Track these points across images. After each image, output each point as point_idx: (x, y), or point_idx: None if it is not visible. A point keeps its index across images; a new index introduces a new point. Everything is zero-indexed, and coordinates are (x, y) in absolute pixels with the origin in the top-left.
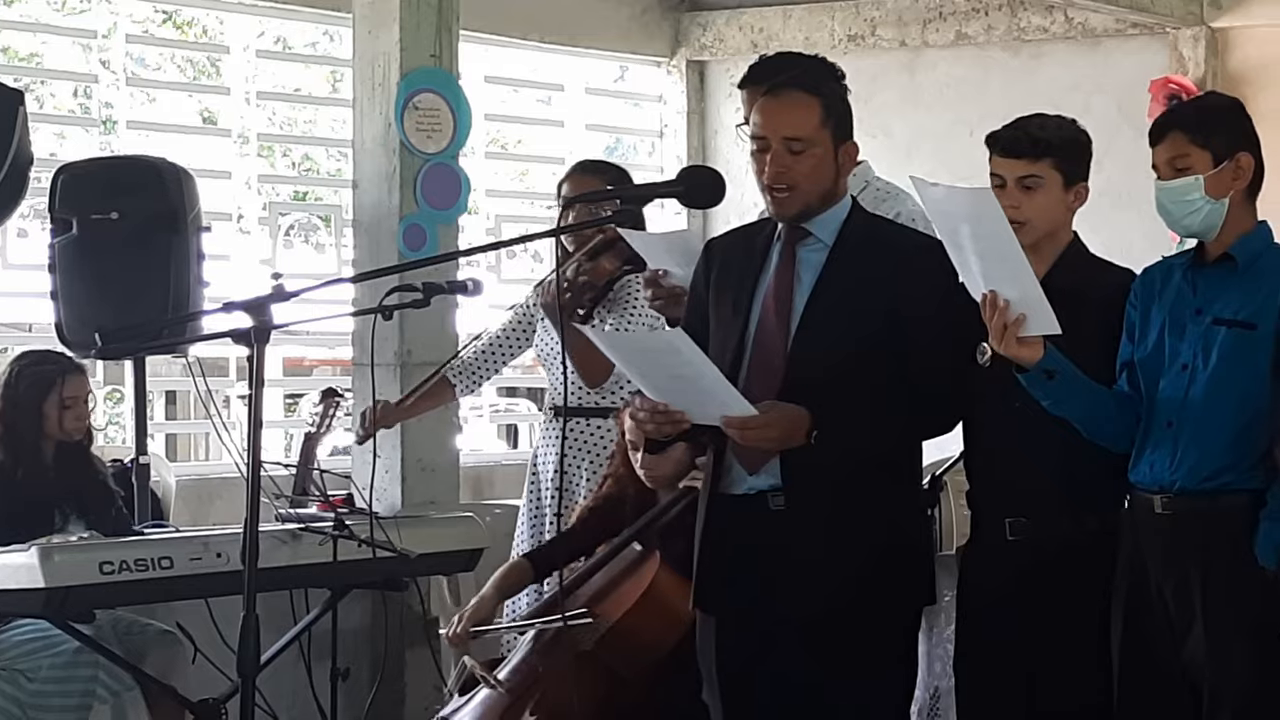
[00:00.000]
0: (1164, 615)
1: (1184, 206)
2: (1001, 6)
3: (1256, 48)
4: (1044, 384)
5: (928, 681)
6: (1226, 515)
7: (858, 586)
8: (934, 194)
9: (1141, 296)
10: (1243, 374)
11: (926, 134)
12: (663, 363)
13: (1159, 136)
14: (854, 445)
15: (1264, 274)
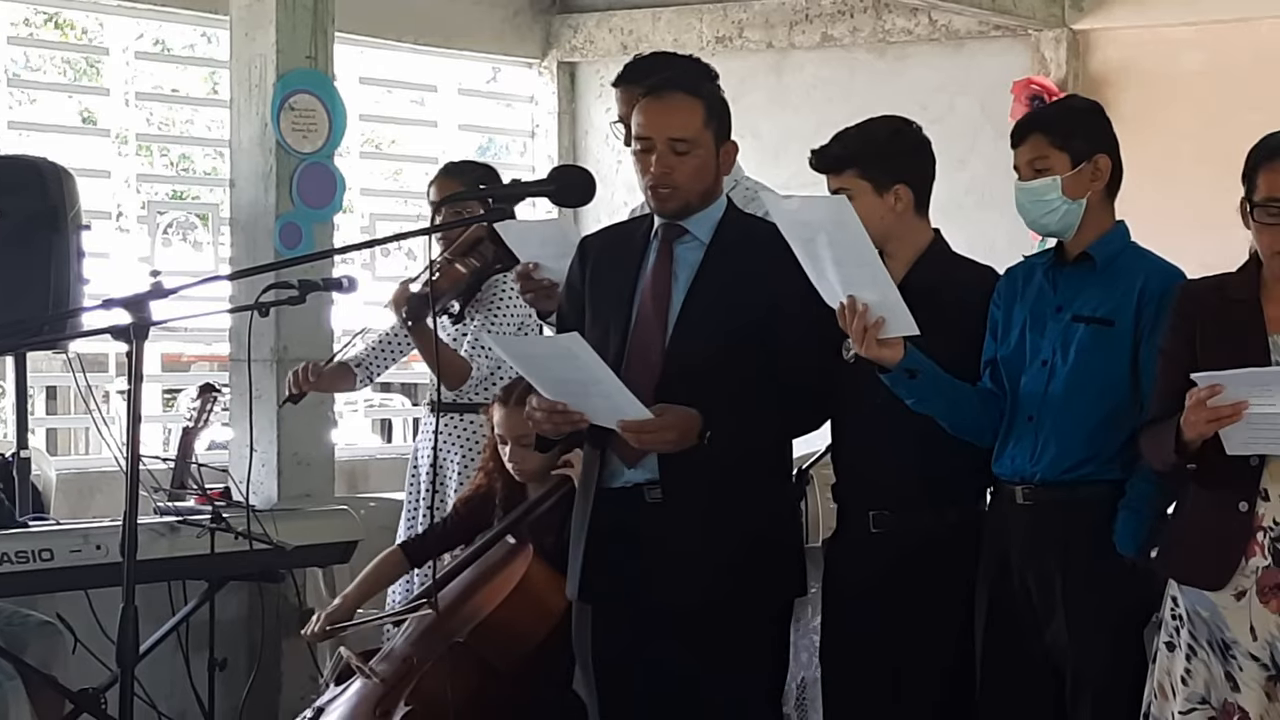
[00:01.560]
0: (1027, 603)
1: (1042, 206)
2: (867, 9)
3: (1117, 49)
4: (906, 383)
5: (794, 672)
6: (1086, 505)
7: (731, 578)
8: (788, 205)
9: (1005, 295)
10: (1101, 369)
11: (794, 134)
12: (559, 366)
13: (1020, 138)
14: (729, 440)
15: (1122, 272)
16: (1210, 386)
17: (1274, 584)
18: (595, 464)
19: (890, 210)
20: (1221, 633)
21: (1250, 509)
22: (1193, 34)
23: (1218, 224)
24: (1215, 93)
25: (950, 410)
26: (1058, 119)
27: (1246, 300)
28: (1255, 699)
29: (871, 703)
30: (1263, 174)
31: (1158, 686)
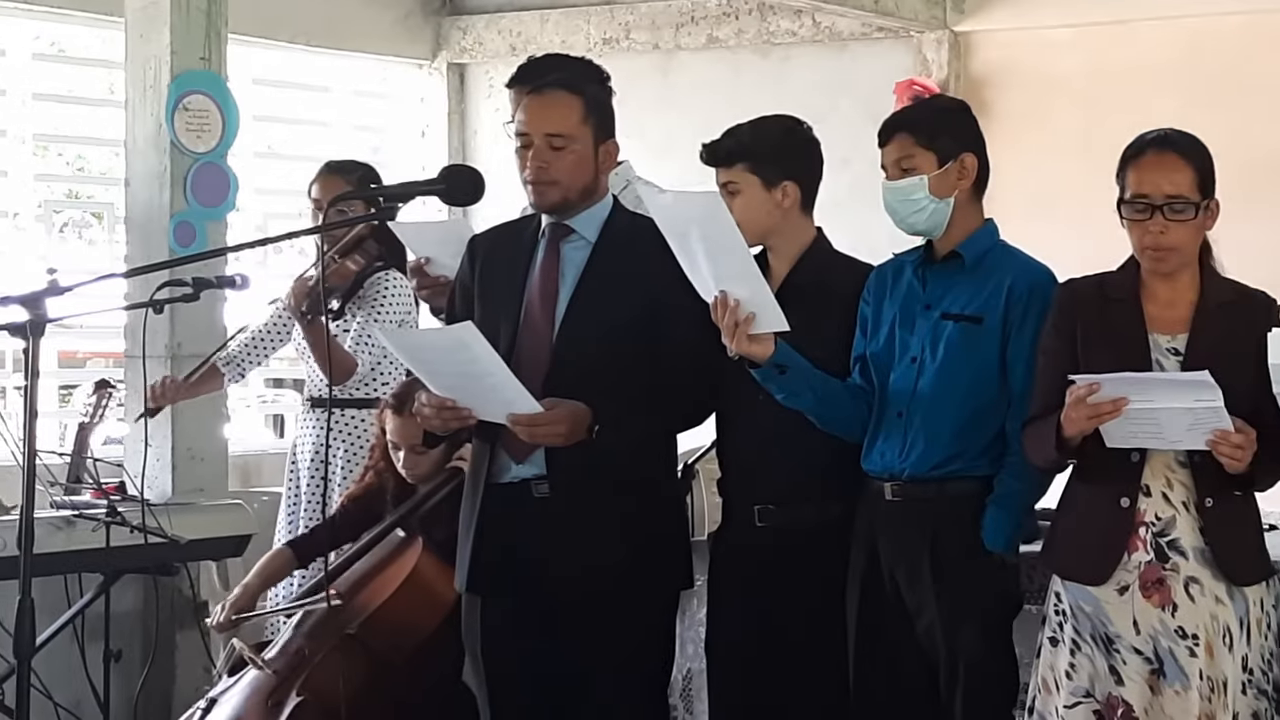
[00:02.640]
0: (897, 597)
1: (909, 206)
2: (751, 11)
3: (998, 51)
4: (776, 378)
5: (680, 664)
6: (955, 501)
7: (618, 570)
8: (663, 200)
9: (874, 292)
10: (970, 366)
11: (680, 134)
12: (450, 359)
13: (887, 138)
14: (616, 434)
15: (991, 270)
16: (1089, 384)
17: (1156, 578)
18: (484, 459)
19: (777, 206)
20: (1105, 627)
21: (1132, 504)
22: (1071, 36)
23: (1098, 223)
24: (1093, 93)
25: (820, 406)
26: (923, 119)
27: (1126, 299)
28: (1139, 692)
29: (755, 693)
30: (1131, 172)
31: (1041, 681)
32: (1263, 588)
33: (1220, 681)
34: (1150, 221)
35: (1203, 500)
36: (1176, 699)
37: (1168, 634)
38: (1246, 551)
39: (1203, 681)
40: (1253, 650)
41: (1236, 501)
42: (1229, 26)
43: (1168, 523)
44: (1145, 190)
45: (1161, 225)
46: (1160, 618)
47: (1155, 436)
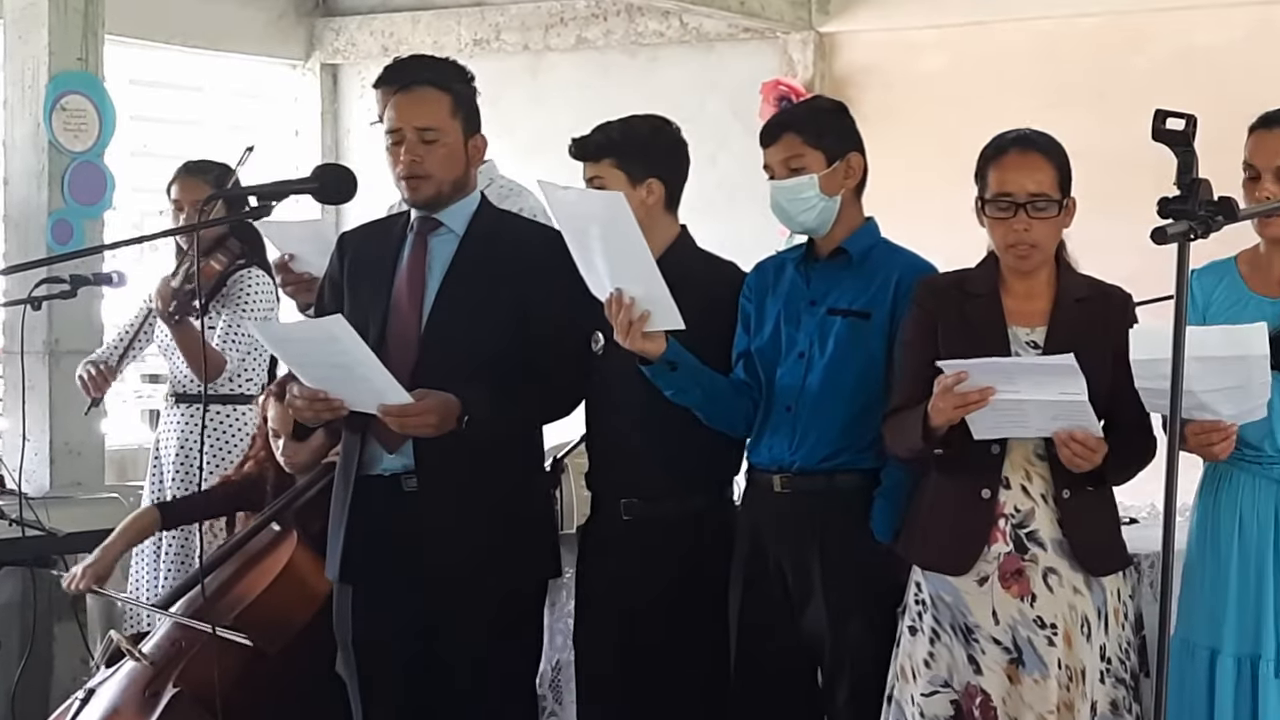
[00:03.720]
0: (782, 588)
1: (800, 204)
2: (620, 12)
3: (862, 52)
4: (667, 375)
5: (549, 655)
6: (843, 493)
7: (487, 562)
8: (563, 197)
9: (756, 289)
10: (857, 361)
11: (549, 134)
12: (321, 350)
13: (773, 138)
14: (485, 425)
15: (876, 267)
16: (956, 374)
17: (1015, 569)
18: (355, 451)
19: (641, 203)
20: (964, 617)
21: (992, 496)
22: (934, 36)
23: (959, 220)
24: (955, 93)
25: (707, 402)
26: (810, 119)
27: (985, 295)
28: (997, 681)
29: (624, 685)
30: (993, 171)
31: (900, 670)
32: (1120, 578)
33: (1078, 670)
34: (1014, 219)
35: (1060, 493)
36: (1035, 688)
37: (1026, 624)
38: (1104, 543)
39: (1061, 670)
40: (1110, 640)
41: (1093, 494)
42: (1086, 28)
43: (1027, 515)
44: (1009, 189)
45: (1025, 223)
46: (1019, 608)
47: (1021, 425)
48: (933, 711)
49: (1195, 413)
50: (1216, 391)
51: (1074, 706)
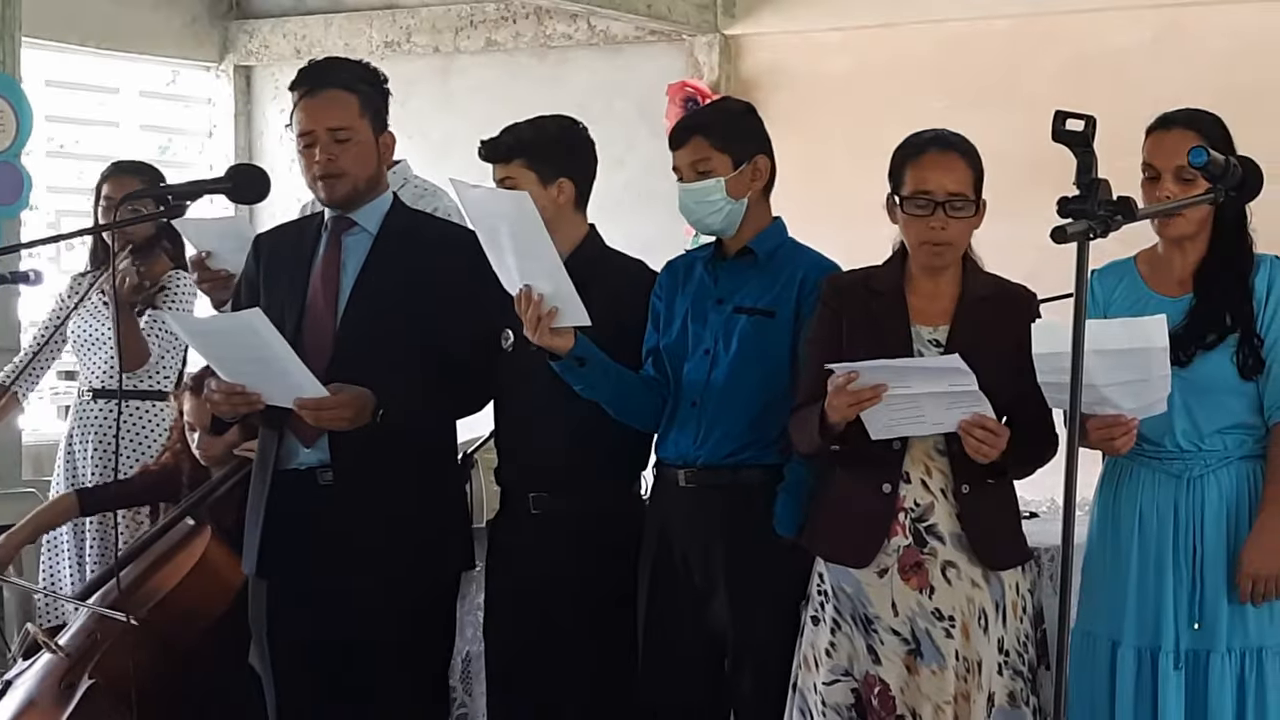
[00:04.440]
0: (688, 582)
1: (707, 207)
2: (528, 15)
3: (767, 54)
4: (575, 371)
5: (460, 647)
6: (747, 488)
7: (400, 554)
8: (474, 195)
9: (666, 287)
10: (762, 358)
11: (459, 134)
12: (239, 344)
13: (681, 141)
14: (399, 419)
15: (782, 266)
16: (849, 374)
17: (914, 562)
18: (271, 446)
19: (552, 202)
20: (865, 608)
21: (893, 490)
22: (839, 38)
23: (863, 219)
24: (860, 94)
25: (616, 397)
26: (718, 122)
27: (890, 292)
28: (896, 672)
29: (533, 676)
30: (910, 169)
31: (803, 658)
32: (1019, 572)
33: (975, 662)
34: (931, 218)
35: (959, 487)
36: (932, 678)
37: (925, 616)
38: (1003, 537)
39: (958, 662)
40: (1008, 633)
41: (993, 489)
42: (992, 30)
43: (926, 509)
44: (928, 187)
45: (942, 221)
46: (918, 600)
47: (917, 422)
48: (834, 700)
49: (1097, 407)
50: (1118, 385)
51: (970, 697)
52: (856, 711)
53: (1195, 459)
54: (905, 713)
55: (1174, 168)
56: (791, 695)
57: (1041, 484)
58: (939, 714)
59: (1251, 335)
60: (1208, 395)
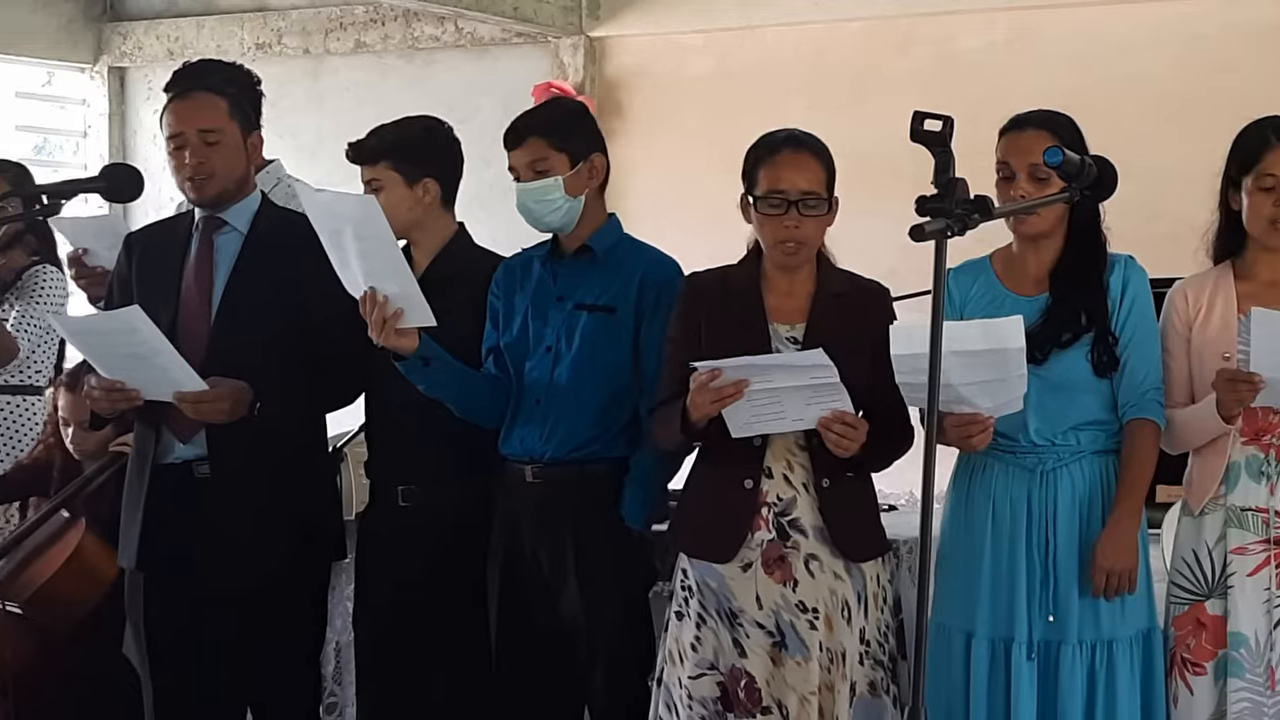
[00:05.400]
0: (538, 574)
1: (546, 206)
2: (397, 18)
3: (631, 55)
4: (420, 370)
5: (330, 637)
6: (594, 482)
7: (275, 545)
8: (319, 199)
9: (504, 286)
10: (605, 354)
11: (329, 134)
12: (118, 342)
13: (518, 141)
14: (274, 412)
15: (621, 263)
16: (712, 370)
17: (778, 556)
18: (148, 442)
19: (419, 202)
20: (729, 602)
21: (755, 486)
22: (702, 41)
23: (726, 218)
24: (722, 95)
25: (460, 396)
26: (554, 122)
27: (747, 291)
28: (761, 664)
29: (401, 667)
30: (764, 169)
31: (668, 653)
32: (878, 564)
33: (839, 653)
34: (785, 216)
35: (820, 481)
36: (797, 670)
37: (789, 608)
38: (862, 530)
39: (822, 653)
40: (870, 623)
41: (852, 483)
42: (850, 32)
43: (788, 503)
44: (782, 186)
45: (796, 220)
46: (782, 593)
47: (778, 418)
48: (700, 693)
49: (954, 406)
50: (975, 385)
51: (835, 688)
52: (723, 704)
53: (1049, 454)
54: (771, 704)
55: (1028, 166)
56: (657, 690)
57: (900, 477)
58: (804, 705)
59: (1106, 334)
60: (1063, 392)
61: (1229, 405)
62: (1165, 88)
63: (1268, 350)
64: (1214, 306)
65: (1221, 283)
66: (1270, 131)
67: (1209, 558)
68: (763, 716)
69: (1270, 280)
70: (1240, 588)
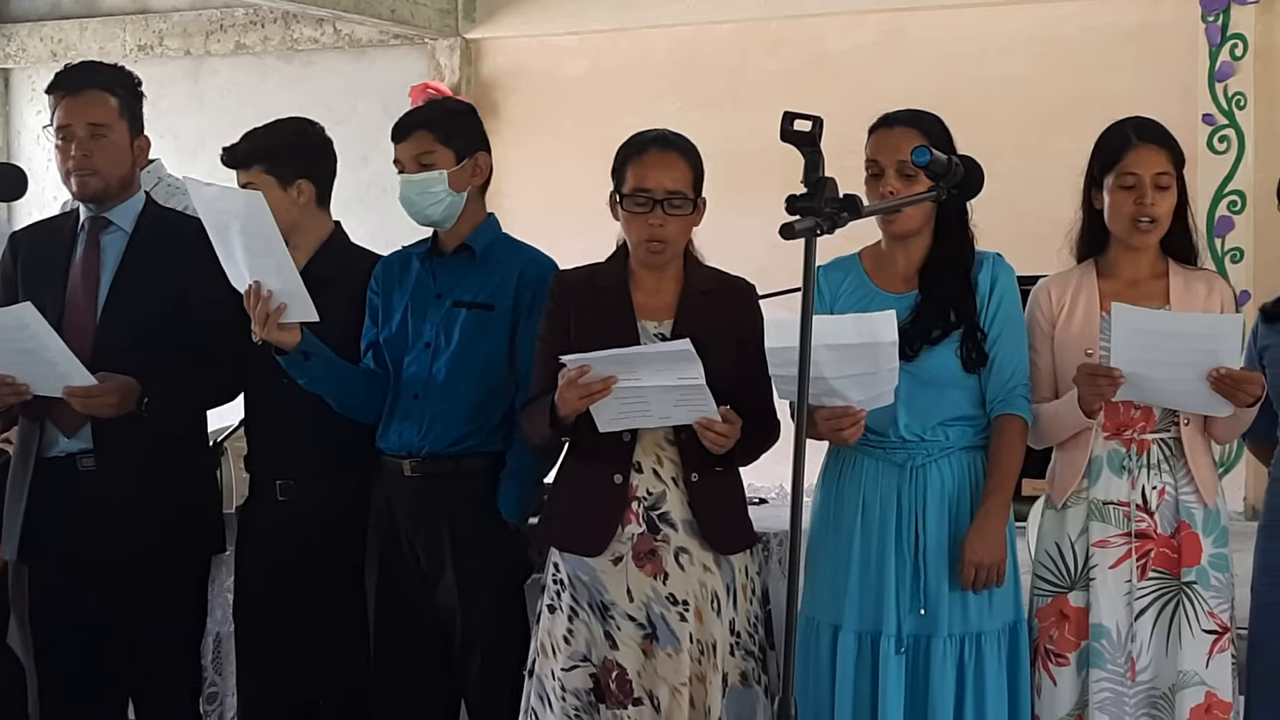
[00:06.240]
0: (415, 566)
1: (428, 199)
2: (277, 20)
3: (506, 57)
4: (301, 364)
5: (211, 628)
6: (470, 476)
7: (157, 537)
8: (207, 194)
9: (383, 283)
10: (481, 351)
11: (210, 134)
12: (8, 337)
13: (405, 134)
14: (159, 407)
15: (499, 261)
16: (580, 366)
17: (648, 549)
18: (33, 436)
19: (294, 203)
20: (600, 595)
21: (625, 480)
22: (575, 42)
23: (600, 217)
24: (596, 96)
25: (339, 390)
26: (441, 118)
27: (615, 288)
28: (633, 656)
29: (280, 657)
30: (631, 168)
31: (540, 646)
32: (747, 556)
33: (709, 644)
34: (651, 215)
35: (689, 475)
36: (668, 661)
37: (660, 601)
38: (731, 523)
39: (693, 644)
40: (739, 614)
41: (720, 476)
42: (721, 34)
43: (658, 497)
44: (648, 185)
45: (661, 219)
46: (652, 586)
47: (645, 415)
48: (573, 685)
49: (826, 398)
50: (847, 378)
51: (706, 678)
52: (595, 696)
53: (918, 449)
54: (643, 695)
55: (896, 164)
56: (529, 682)
57: (770, 471)
58: (676, 696)
59: (975, 330)
60: (932, 388)
61: (1090, 400)
62: (1030, 89)
63: (1129, 346)
64: (1077, 304)
65: (1084, 281)
66: (1131, 131)
67: (1071, 550)
68: (634, 708)
69: (1132, 278)
70: (1102, 580)
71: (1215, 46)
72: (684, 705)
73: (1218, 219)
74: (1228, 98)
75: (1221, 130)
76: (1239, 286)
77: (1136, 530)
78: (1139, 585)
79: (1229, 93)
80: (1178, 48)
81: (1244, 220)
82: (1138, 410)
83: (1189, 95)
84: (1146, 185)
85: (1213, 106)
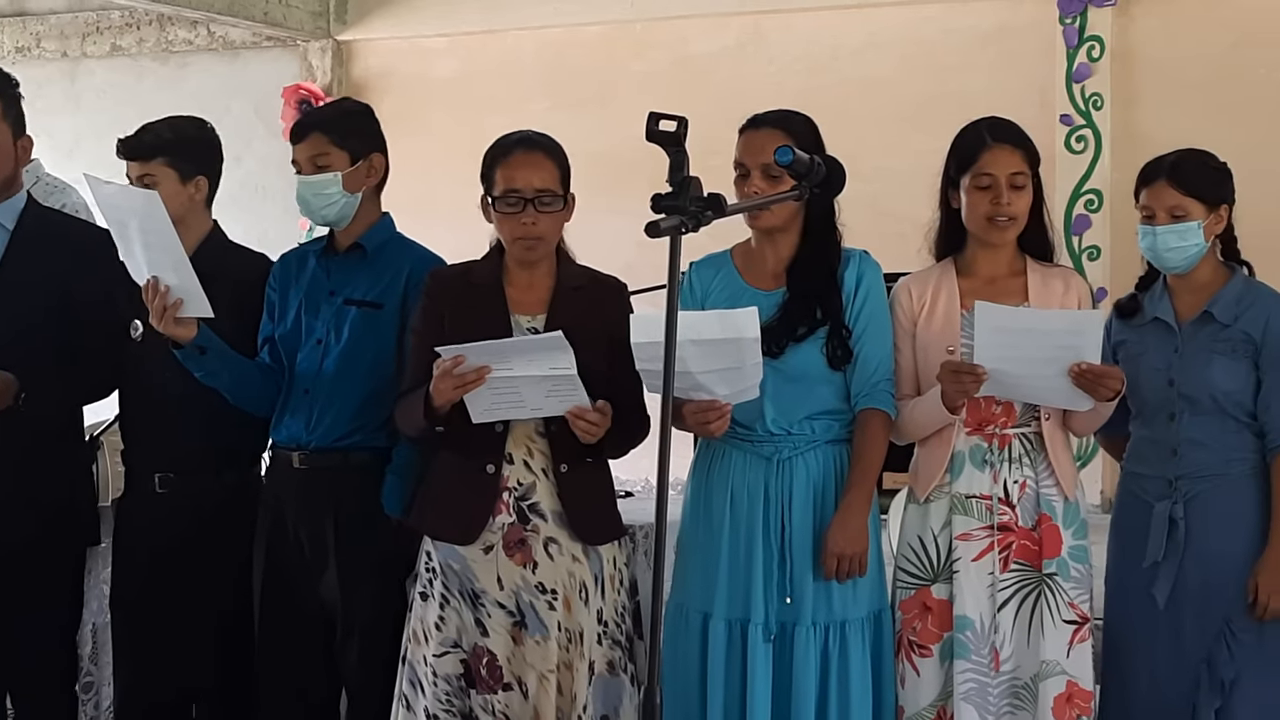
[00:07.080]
0: (300, 556)
1: (323, 199)
2: (152, 22)
3: (378, 58)
4: (197, 358)
5: (87, 619)
6: (356, 470)
7: (33, 529)
8: (106, 191)
9: (280, 279)
10: (370, 348)
11: (86, 134)
12: None
13: (302, 135)
14: (39, 402)
15: (390, 261)
16: (455, 357)
17: (518, 539)
18: None
19: (190, 198)
20: (471, 583)
21: (496, 471)
22: (445, 44)
23: (472, 217)
24: (466, 97)
25: (234, 384)
26: (337, 120)
27: (489, 285)
28: (502, 643)
29: (157, 647)
30: (500, 170)
31: (412, 633)
32: (615, 547)
33: (577, 633)
34: (522, 214)
35: (559, 467)
36: (537, 648)
37: (529, 589)
38: (599, 514)
39: (561, 633)
40: (607, 604)
41: (590, 468)
42: (588, 36)
43: (529, 488)
44: (517, 185)
45: (532, 217)
46: (522, 574)
47: (517, 406)
48: (444, 670)
49: (693, 393)
50: (712, 373)
51: (573, 666)
52: (466, 681)
53: (785, 442)
54: (512, 681)
55: (761, 165)
56: (402, 668)
57: (637, 466)
58: (544, 682)
59: (840, 327)
60: (798, 384)
61: (953, 396)
62: (892, 90)
63: (990, 343)
64: (937, 302)
65: (944, 279)
66: (986, 132)
67: (934, 543)
68: (504, 693)
69: (990, 276)
70: (965, 572)
71: (1073, 48)
72: (551, 691)
73: (1075, 217)
74: (1085, 98)
75: (1079, 130)
76: (1096, 284)
77: (998, 523)
78: (1001, 577)
79: (1086, 93)
80: (1036, 49)
81: (1101, 219)
82: (999, 406)
83: (1047, 96)
84: (1002, 185)
85: (1070, 107)
